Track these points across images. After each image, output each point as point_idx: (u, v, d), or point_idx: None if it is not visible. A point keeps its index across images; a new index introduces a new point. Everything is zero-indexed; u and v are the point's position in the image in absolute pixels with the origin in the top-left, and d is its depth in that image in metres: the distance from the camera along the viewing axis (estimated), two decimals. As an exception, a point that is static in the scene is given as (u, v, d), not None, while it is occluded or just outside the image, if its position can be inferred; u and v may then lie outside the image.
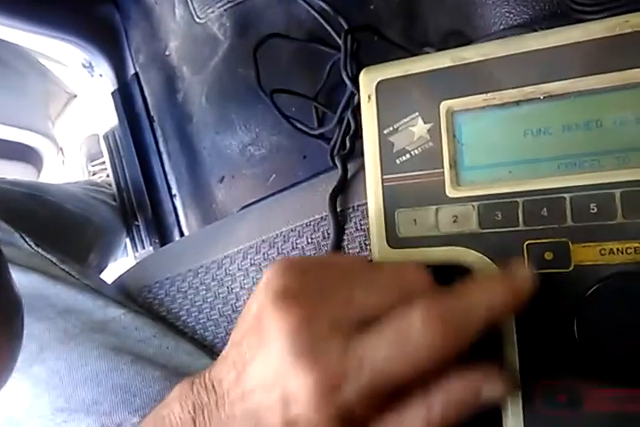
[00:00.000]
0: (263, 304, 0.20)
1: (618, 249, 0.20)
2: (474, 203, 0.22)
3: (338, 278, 0.21)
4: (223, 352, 0.21)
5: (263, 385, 0.19)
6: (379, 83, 0.24)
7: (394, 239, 0.23)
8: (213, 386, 0.20)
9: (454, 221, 0.22)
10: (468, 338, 0.18)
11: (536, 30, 0.32)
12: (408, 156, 0.23)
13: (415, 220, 0.23)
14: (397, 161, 0.24)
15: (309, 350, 0.18)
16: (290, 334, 0.18)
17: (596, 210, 0.20)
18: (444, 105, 0.23)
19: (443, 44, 0.42)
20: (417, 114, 0.23)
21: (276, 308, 0.19)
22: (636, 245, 0.19)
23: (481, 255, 0.22)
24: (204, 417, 0.20)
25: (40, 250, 0.38)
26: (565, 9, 0.32)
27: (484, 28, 0.37)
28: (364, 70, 0.25)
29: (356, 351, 0.18)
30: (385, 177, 0.24)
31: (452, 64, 0.23)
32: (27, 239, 0.39)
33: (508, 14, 0.35)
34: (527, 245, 0.21)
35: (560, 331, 0.20)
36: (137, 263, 0.43)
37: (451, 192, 0.22)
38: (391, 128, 0.24)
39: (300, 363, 0.18)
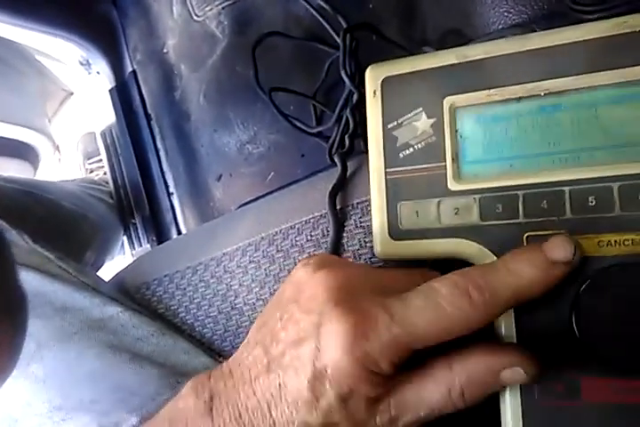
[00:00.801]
0: (302, 276, 0.21)
1: (615, 241, 0.20)
2: (475, 195, 0.22)
3: (363, 265, 0.24)
4: (243, 343, 0.22)
5: (296, 342, 0.19)
6: (384, 79, 0.25)
7: (396, 231, 0.24)
8: (231, 371, 0.21)
9: (455, 214, 0.22)
10: (498, 308, 0.19)
11: (535, 30, 0.33)
12: (411, 150, 0.24)
13: (417, 212, 0.23)
14: (401, 155, 0.24)
15: (347, 300, 0.19)
16: (333, 288, 0.20)
17: (594, 203, 0.20)
18: (448, 101, 0.23)
19: (441, 43, 0.43)
20: (421, 109, 0.24)
21: (318, 271, 0.21)
22: (634, 236, 0.20)
23: (481, 247, 0.22)
24: (220, 403, 0.20)
25: (38, 247, 0.38)
26: (564, 8, 0.32)
27: (483, 28, 0.37)
28: (370, 67, 0.25)
29: (390, 308, 0.19)
30: (388, 170, 0.24)
31: (456, 61, 0.23)
32: (24, 236, 0.38)
33: (506, 13, 0.35)
34: (527, 237, 0.21)
35: (558, 321, 0.20)
36: (135, 260, 0.43)
37: (452, 185, 0.23)
38: (395, 123, 0.24)
39: (338, 310, 0.19)
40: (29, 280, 0.35)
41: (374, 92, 0.25)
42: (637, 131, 0.21)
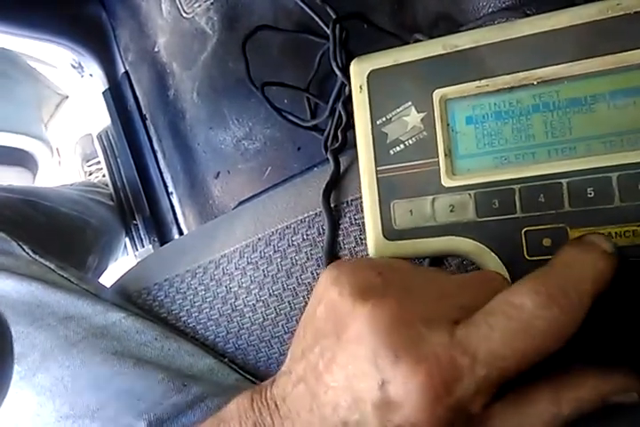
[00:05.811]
0: (339, 303, 0.18)
1: (616, 233, 0.19)
2: (470, 191, 0.22)
3: (418, 278, 0.19)
4: (283, 367, 0.20)
5: (350, 395, 0.16)
6: (370, 73, 0.24)
7: (390, 231, 0.23)
8: (277, 405, 0.18)
9: (451, 211, 0.22)
10: (585, 308, 0.16)
11: (525, 12, 0.32)
12: (402, 146, 0.23)
13: (411, 210, 0.22)
14: (391, 152, 0.23)
15: (412, 345, 0.16)
16: (385, 329, 0.16)
17: (593, 194, 0.20)
18: (437, 93, 0.22)
19: (432, 29, 0.42)
20: (410, 103, 0.23)
21: (360, 304, 0.17)
22: (635, 228, 0.19)
23: (479, 244, 0.21)
24: None
25: (38, 257, 0.38)
26: (556, -12, 0.31)
27: (473, 12, 0.36)
28: (354, 61, 0.25)
29: (466, 343, 0.16)
30: (379, 168, 0.23)
31: (444, 52, 0.23)
32: (24, 247, 0.38)
33: (497, -4, 0.34)
34: (525, 232, 0.21)
35: None
36: (135, 265, 0.43)
37: (446, 181, 0.22)
38: (384, 119, 0.23)
39: (403, 361, 0.15)
40: (32, 291, 0.35)
41: (360, 87, 0.24)
42: (635, 118, 0.20)
